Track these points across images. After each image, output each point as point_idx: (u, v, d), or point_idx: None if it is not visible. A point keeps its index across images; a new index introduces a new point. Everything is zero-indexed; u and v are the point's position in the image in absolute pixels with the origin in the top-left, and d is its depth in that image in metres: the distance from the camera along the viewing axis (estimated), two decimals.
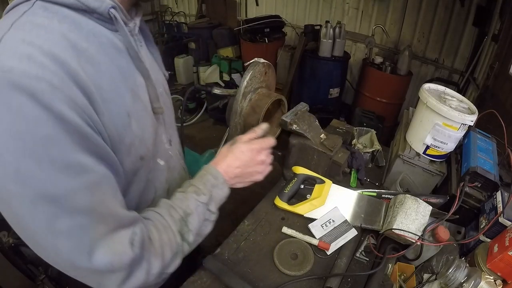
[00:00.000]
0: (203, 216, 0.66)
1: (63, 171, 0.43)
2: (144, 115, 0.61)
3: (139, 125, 0.58)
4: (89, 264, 0.46)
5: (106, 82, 0.51)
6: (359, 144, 1.37)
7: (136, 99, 0.58)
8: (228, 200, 0.75)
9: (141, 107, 0.60)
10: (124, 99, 0.54)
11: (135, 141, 0.57)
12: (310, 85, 3.38)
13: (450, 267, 0.77)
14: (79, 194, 0.45)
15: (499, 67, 2.16)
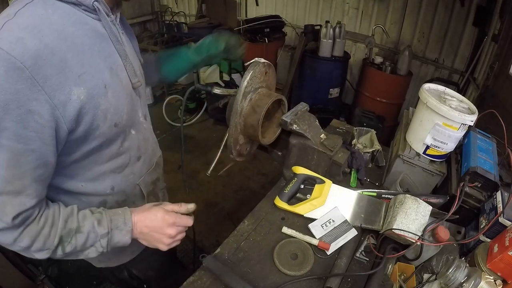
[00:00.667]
0: (91, 242, 0.71)
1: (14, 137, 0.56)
2: (120, 89, 0.73)
3: (114, 96, 0.70)
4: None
5: (87, 60, 0.63)
6: (359, 144, 1.37)
7: (114, 75, 0.71)
8: (228, 200, 0.76)
9: (118, 82, 0.72)
10: (103, 73, 0.67)
11: (110, 108, 0.69)
12: (310, 85, 3.38)
13: (450, 267, 0.77)
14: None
15: (499, 67, 2.16)
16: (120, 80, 0.73)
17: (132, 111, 0.80)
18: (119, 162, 0.83)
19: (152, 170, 0.99)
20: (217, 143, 3.35)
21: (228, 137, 1.02)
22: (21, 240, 0.64)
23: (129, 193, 0.91)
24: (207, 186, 2.83)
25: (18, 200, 0.61)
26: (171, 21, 4.95)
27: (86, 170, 0.77)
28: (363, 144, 1.40)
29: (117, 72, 0.72)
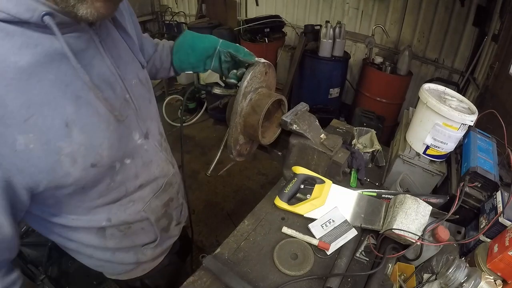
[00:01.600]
0: None
1: None
2: (95, 120, 0.60)
3: (84, 132, 0.58)
4: None
5: (36, 96, 0.50)
6: (359, 144, 1.37)
7: (83, 105, 0.57)
8: (228, 200, 0.76)
9: (91, 112, 0.59)
10: (62, 109, 0.54)
11: (79, 149, 0.57)
12: (310, 85, 3.38)
13: (450, 267, 0.77)
14: None
15: (499, 67, 2.16)
16: (94, 108, 0.59)
17: (120, 141, 0.68)
18: (113, 197, 0.74)
19: (161, 192, 0.88)
20: (217, 143, 3.35)
21: (228, 137, 1.02)
22: None
23: (132, 221, 0.82)
24: (207, 186, 2.83)
25: None
26: (171, 21, 4.95)
27: (74, 207, 0.69)
28: (363, 144, 1.40)
29: (88, 100, 0.58)
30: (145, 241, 0.91)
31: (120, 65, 0.68)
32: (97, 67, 0.61)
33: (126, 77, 0.70)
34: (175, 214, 1.01)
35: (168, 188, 0.92)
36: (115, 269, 0.95)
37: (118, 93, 0.67)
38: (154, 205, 0.87)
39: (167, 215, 0.95)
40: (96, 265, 0.91)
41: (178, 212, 1.04)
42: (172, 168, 0.94)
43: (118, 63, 0.67)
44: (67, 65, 0.53)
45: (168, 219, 0.97)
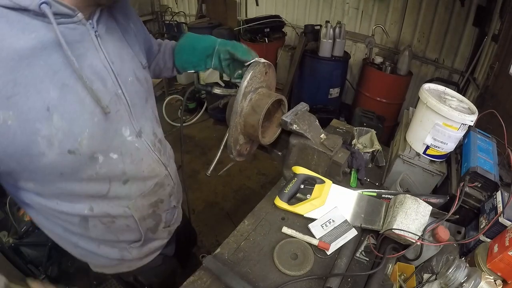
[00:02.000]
0: None
1: None
2: (78, 109, 0.61)
3: (65, 119, 0.59)
4: None
5: (23, 78, 0.53)
6: (359, 144, 1.37)
7: (68, 93, 0.59)
8: (228, 200, 0.76)
9: (74, 100, 0.61)
10: (45, 93, 0.56)
11: (57, 133, 0.59)
12: (310, 85, 3.38)
13: (450, 267, 0.77)
14: None
15: (499, 67, 2.16)
16: (79, 97, 0.61)
17: (104, 134, 0.68)
18: (96, 189, 0.74)
19: (150, 192, 0.88)
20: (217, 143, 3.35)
21: (228, 137, 1.02)
22: None
23: (115, 215, 0.82)
24: (207, 186, 2.83)
25: None
26: (171, 21, 4.95)
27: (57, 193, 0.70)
28: (363, 144, 1.40)
29: (74, 89, 0.60)
30: (130, 239, 0.91)
31: (115, 61, 0.69)
32: (89, 59, 0.64)
33: (121, 73, 0.71)
34: (165, 217, 1.00)
35: (158, 190, 0.91)
36: (100, 261, 0.95)
37: (108, 87, 0.68)
38: (140, 203, 0.86)
39: (155, 216, 0.94)
40: (81, 254, 0.92)
41: (169, 215, 1.03)
42: (164, 170, 0.92)
43: (114, 59, 0.69)
44: (59, 53, 0.57)
45: (155, 220, 0.95)
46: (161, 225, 0.99)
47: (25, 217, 1.92)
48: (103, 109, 0.65)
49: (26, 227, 1.86)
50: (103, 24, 0.68)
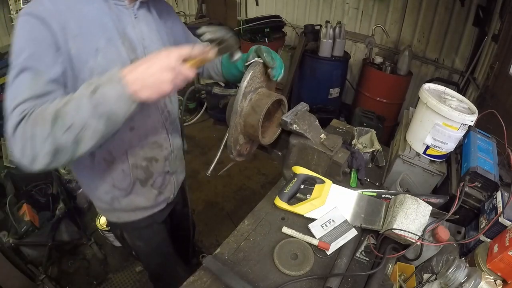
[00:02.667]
0: (86, 108, 0.67)
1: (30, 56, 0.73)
2: (115, 57, 0.84)
3: (105, 60, 0.82)
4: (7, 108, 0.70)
5: (85, 27, 0.79)
6: (359, 144, 1.37)
7: (111, 45, 0.84)
8: (228, 200, 0.76)
9: (114, 51, 0.84)
10: (97, 39, 0.81)
11: (97, 68, 0.81)
12: (310, 85, 3.38)
13: (450, 267, 0.77)
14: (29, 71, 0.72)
15: (499, 67, 2.16)
16: (117, 51, 0.85)
17: None
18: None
19: (149, 147, 1.02)
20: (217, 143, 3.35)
21: (228, 137, 1.02)
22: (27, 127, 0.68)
23: (116, 156, 0.97)
24: (207, 186, 2.83)
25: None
26: None
27: None
28: (363, 144, 1.40)
29: (115, 44, 0.84)
30: (121, 184, 1.04)
31: (145, 39, 0.93)
32: (128, 30, 0.88)
33: (148, 48, 0.93)
34: (156, 177, 1.10)
35: (156, 148, 1.05)
36: (97, 197, 1.08)
37: (137, 52, 0.90)
38: (136, 152, 1.00)
39: (147, 171, 1.06)
40: (86, 190, 1.11)
41: (160, 179, 1.13)
42: (166, 135, 1.07)
43: (145, 37, 0.92)
44: (110, 18, 0.84)
45: (146, 174, 1.07)
46: (150, 181, 1.09)
47: (25, 217, 1.92)
48: (132, 61, 0.85)
49: (26, 227, 1.86)
50: (141, 13, 0.92)
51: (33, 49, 0.73)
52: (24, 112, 0.69)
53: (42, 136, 0.67)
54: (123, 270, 2.11)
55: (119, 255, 2.21)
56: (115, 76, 0.68)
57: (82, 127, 0.67)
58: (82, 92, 0.69)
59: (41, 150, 0.67)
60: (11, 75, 0.72)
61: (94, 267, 2.13)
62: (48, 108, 0.69)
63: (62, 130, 0.67)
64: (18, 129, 0.68)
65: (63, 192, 2.24)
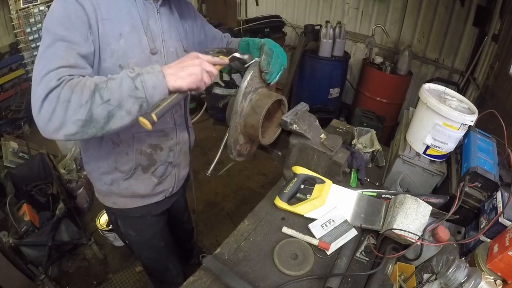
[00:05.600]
0: (127, 87, 0.74)
1: (66, 29, 0.78)
2: (135, 43, 0.91)
3: (126, 44, 0.89)
4: (39, 72, 0.73)
5: (114, 13, 0.86)
6: (359, 144, 1.37)
7: (134, 32, 0.91)
8: (228, 200, 0.76)
9: (136, 38, 0.91)
10: (122, 25, 0.88)
11: (118, 51, 0.87)
12: (310, 85, 3.38)
13: (450, 267, 0.77)
14: (64, 42, 0.77)
15: (499, 67, 2.16)
16: (139, 38, 0.92)
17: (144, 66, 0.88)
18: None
19: (154, 135, 1.06)
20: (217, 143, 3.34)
21: (228, 137, 1.02)
22: (63, 92, 0.71)
23: (123, 139, 1.01)
24: (207, 186, 2.83)
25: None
26: None
27: None
28: (363, 144, 1.40)
29: (138, 32, 0.91)
30: (123, 168, 1.06)
31: (165, 32, 0.99)
32: (150, 23, 0.94)
33: (166, 42, 1.00)
34: (158, 165, 1.12)
35: (162, 137, 1.09)
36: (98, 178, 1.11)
37: (156, 43, 0.96)
38: (143, 137, 1.03)
39: (151, 158, 1.09)
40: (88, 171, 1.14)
41: (162, 168, 1.14)
42: (174, 126, 1.11)
43: (165, 31, 0.99)
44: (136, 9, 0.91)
45: (149, 161, 1.09)
46: (152, 169, 1.11)
47: (25, 217, 1.92)
48: (151, 50, 0.94)
49: (26, 227, 1.86)
50: (163, 9, 0.99)
51: (69, 23, 0.78)
52: (61, 79, 0.72)
53: (78, 103, 0.70)
54: (123, 270, 2.11)
55: (119, 255, 2.21)
56: (155, 69, 0.77)
57: (118, 105, 0.73)
58: (125, 74, 0.75)
59: (72, 116, 0.71)
60: (44, 43, 0.76)
61: (94, 267, 2.13)
62: (88, 80, 0.74)
63: (100, 101, 0.72)
64: (52, 92, 0.70)
65: (63, 192, 2.24)
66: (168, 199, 1.26)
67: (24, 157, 2.48)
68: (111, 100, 0.72)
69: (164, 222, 1.36)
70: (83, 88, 0.71)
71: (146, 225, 1.27)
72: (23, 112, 3.06)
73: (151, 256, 1.41)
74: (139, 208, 1.19)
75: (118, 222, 1.28)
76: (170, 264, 1.46)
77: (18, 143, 2.57)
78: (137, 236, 1.31)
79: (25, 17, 2.87)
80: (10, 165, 2.39)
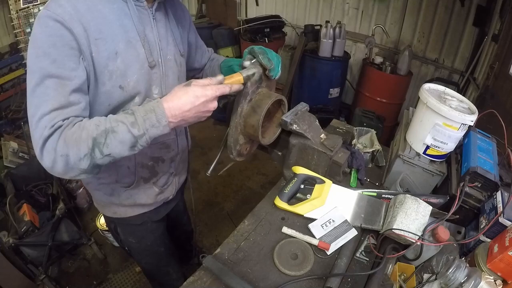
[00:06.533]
0: (129, 144, 0.73)
1: (52, 63, 0.72)
2: (133, 60, 0.85)
3: (124, 63, 0.83)
4: (32, 116, 0.71)
5: (106, 30, 0.78)
6: (359, 144, 1.37)
7: (130, 47, 0.84)
8: (228, 200, 0.76)
9: (133, 53, 0.85)
10: (117, 42, 0.81)
11: (117, 71, 0.82)
12: (310, 85, 3.38)
13: (450, 267, 0.77)
14: (52, 79, 0.72)
15: (499, 67, 2.16)
16: (136, 52, 0.86)
17: (145, 84, 0.90)
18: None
19: (156, 147, 1.04)
20: (217, 143, 3.35)
21: (228, 137, 1.02)
22: (59, 146, 0.70)
23: None
24: (207, 186, 2.83)
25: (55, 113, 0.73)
26: None
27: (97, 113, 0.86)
28: (363, 144, 1.40)
29: (135, 46, 0.85)
30: (124, 181, 1.04)
31: (162, 40, 0.94)
32: (146, 31, 0.88)
33: (163, 50, 0.95)
34: (160, 176, 1.12)
35: (163, 149, 1.07)
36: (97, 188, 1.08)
37: (154, 55, 0.91)
38: (144, 151, 0.97)
39: (152, 170, 1.08)
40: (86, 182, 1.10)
41: (164, 179, 1.14)
42: (175, 136, 1.09)
43: (161, 38, 0.94)
44: (130, 20, 0.84)
45: (151, 173, 1.08)
46: (153, 180, 1.10)
47: (25, 217, 1.92)
48: (150, 64, 0.89)
49: (26, 227, 1.86)
50: (159, 13, 0.93)
51: (56, 55, 0.72)
52: (55, 126, 0.71)
53: (77, 157, 0.71)
54: (123, 270, 2.11)
55: (119, 255, 2.21)
56: (162, 122, 0.74)
57: (120, 155, 0.75)
58: (126, 129, 0.72)
59: (74, 166, 0.72)
60: (32, 81, 0.72)
61: (94, 267, 2.13)
62: (83, 130, 0.71)
63: (100, 156, 0.72)
64: (48, 142, 0.70)
65: (63, 192, 2.24)
66: (167, 204, 1.26)
67: (24, 157, 2.48)
68: (112, 154, 0.73)
69: (164, 227, 1.35)
70: (79, 142, 0.70)
71: (146, 232, 1.27)
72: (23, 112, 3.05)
73: (151, 261, 1.40)
74: (140, 215, 1.18)
75: (118, 230, 1.26)
76: (170, 268, 1.46)
77: (18, 143, 2.57)
78: (137, 243, 1.29)
79: (25, 17, 2.87)
80: (10, 165, 2.39)
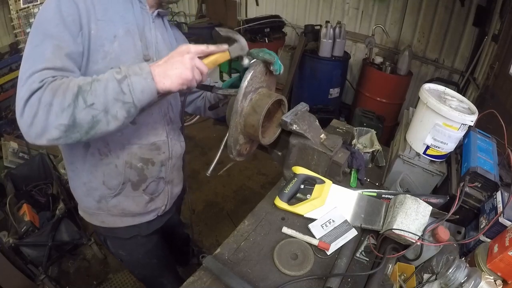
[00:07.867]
0: (113, 91, 0.70)
1: (56, 26, 0.75)
2: (129, 48, 0.88)
3: (120, 47, 0.85)
4: (23, 73, 0.71)
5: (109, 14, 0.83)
6: (359, 144, 1.37)
7: (129, 36, 0.87)
8: (228, 200, 0.76)
9: (130, 42, 0.88)
10: (116, 28, 0.85)
11: (111, 53, 0.83)
12: (310, 85, 3.38)
13: (450, 267, 0.77)
14: (52, 40, 0.74)
15: (499, 67, 2.16)
16: (133, 42, 0.89)
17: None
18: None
19: (146, 148, 0.99)
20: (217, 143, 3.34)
21: (228, 137, 1.02)
22: (45, 95, 0.68)
23: (111, 149, 0.94)
24: (207, 186, 2.83)
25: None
26: (171, 21, 4.95)
27: None
28: (363, 144, 1.40)
29: (133, 36, 0.88)
30: (112, 183, 0.99)
31: (159, 43, 0.97)
32: (145, 31, 0.92)
33: (159, 51, 0.96)
34: (149, 182, 1.05)
35: (154, 150, 1.02)
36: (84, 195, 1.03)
37: (149, 51, 0.93)
38: (134, 151, 0.97)
39: (141, 173, 1.02)
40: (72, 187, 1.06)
41: (154, 185, 1.08)
42: (166, 138, 1.05)
43: (158, 41, 0.97)
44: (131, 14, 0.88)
45: (139, 176, 1.02)
46: (142, 186, 1.04)
47: (25, 217, 1.92)
48: (145, 57, 0.91)
49: (26, 227, 1.86)
50: (158, 22, 0.98)
51: (59, 20, 0.75)
52: (44, 81, 0.69)
53: (61, 107, 0.67)
54: (123, 270, 2.10)
55: None
56: (144, 70, 0.73)
57: (103, 109, 0.70)
58: (111, 75, 0.71)
59: (54, 121, 0.67)
60: (32, 42, 0.73)
61: (94, 267, 2.13)
62: (71, 81, 0.70)
63: (83, 106, 0.68)
64: (34, 95, 0.67)
65: (63, 192, 2.24)
66: (160, 217, 1.20)
67: (24, 157, 2.48)
68: (96, 104, 0.68)
69: (157, 239, 1.30)
70: (66, 90, 0.68)
71: (137, 245, 1.21)
72: None
73: (144, 273, 1.38)
74: (129, 228, 1.12)
75: (108, 243, 1.22)
76: (164, 279, 1.41)
77: (18, 143, 2.57)
78: (128, 256, 1.26)
79: (25, 17, 2.87)
80: (10, 165, 2.39)
